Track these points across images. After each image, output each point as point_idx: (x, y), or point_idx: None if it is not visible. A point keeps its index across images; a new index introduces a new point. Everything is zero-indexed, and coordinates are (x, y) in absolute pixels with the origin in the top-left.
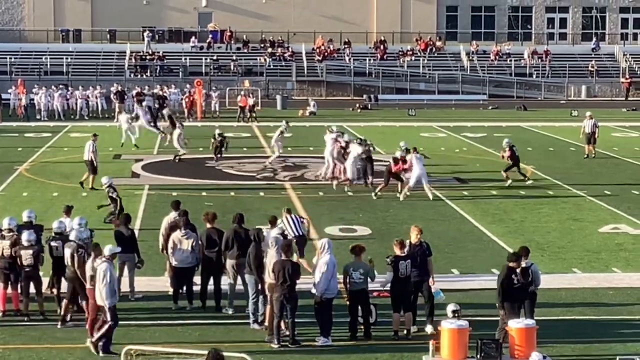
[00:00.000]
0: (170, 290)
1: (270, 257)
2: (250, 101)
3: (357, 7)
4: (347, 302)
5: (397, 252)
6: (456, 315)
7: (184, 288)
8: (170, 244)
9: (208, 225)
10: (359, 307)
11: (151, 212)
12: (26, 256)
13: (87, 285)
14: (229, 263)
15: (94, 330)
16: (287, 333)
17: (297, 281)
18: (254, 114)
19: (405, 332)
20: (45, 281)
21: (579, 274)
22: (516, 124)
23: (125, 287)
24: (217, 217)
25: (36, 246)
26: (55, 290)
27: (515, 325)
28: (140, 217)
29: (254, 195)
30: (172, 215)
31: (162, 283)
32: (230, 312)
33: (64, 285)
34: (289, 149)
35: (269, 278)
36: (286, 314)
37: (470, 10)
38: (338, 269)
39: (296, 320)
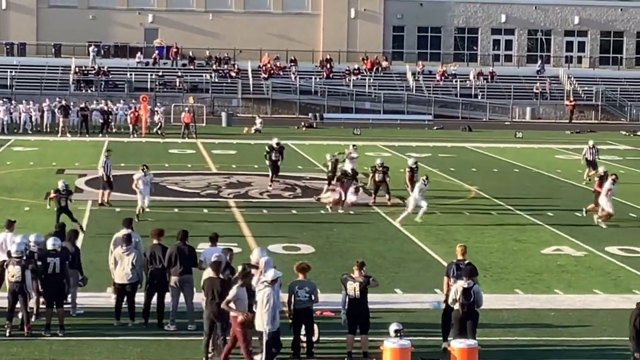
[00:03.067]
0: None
1: (208, 274)
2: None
3: (304, 26)
4: (290, 321)
5: (355, 273)
6: (399, 334)
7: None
8: (111, 260)
9: (154, 241)
10: (302, 326)
11: (94, 228)
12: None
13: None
14: (173, 280)
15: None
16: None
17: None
18: (190, 130)
19: (362, 354)
20: None
21: (521, 295)
22: (461, 144)
23: (68, 303)
24: (164, 234)
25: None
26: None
27: (458, 345)
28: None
29: (198, 212)
30: (122, 232)
31: (104, 299)
32: (172, 328)
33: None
34: (233, 166)
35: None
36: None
37: (417, 30)
38: (282, 287)
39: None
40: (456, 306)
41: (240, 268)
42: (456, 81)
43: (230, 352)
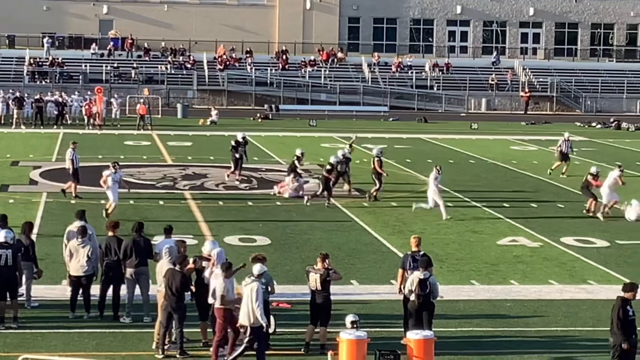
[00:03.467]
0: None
1: (161, 266)
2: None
3: (260, 17)
4: None
5: (319, 265)
6: (355, 326)
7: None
8: (67, 253)
9: (109, 233)
10: None
11: (49, 220)
12: None
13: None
14: (128, 272)
15: None
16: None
17: (185, 292)
18: (146, 122)
19: (319, 346)
20: None
21: (477, 285)
22: (416, 135)
23: (22, 295)
24: (119, 226)
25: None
26: None
27: (414, 336)
28: (38, 224)
29: (154, 204)
30: (76, 224)
31: (59, 291)
32: (127, 320)
33: None
34: (189, 157)
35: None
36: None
37: (372, 22)
38: (238, 279)
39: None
40: (412, 297)
41: (191, 260)
42: (412, 72)
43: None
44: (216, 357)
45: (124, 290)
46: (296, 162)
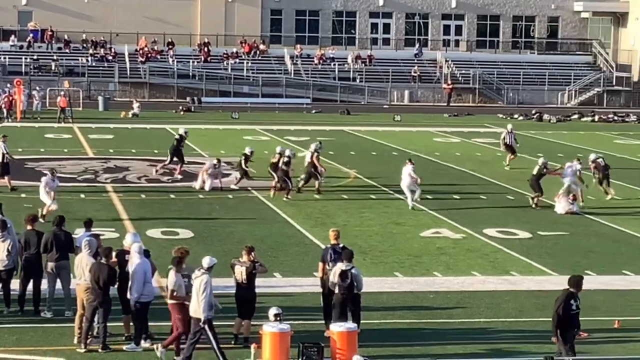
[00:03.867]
0: None
1: (80, 259)
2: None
3: (181, 9)
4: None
5: (244, 257)
6: (278, 318)
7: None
8: None
9: (28, 227)
10: None
11: None
12: None
13: None
14: (49, 266)
15: None
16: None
17: (112, 286)
18: (67, 115)
19: (243, 339)
20: None
21: (400, 277)
22: (339, 127)
23: None
24: (38, 219)
25: None
26: None
27: (337, 329)
28: None
29: (75, 197)
30: None
31: None
32: (48, 315)
33: None
34: (111, 150)
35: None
36: (98, 318)
37: (295, 14)
38: (161, 272)
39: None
40: (336, 289)
41: (114, 254)
42: (334, 65)
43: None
44: (179, 350)
45: (44, 284)
46: (243, 161)
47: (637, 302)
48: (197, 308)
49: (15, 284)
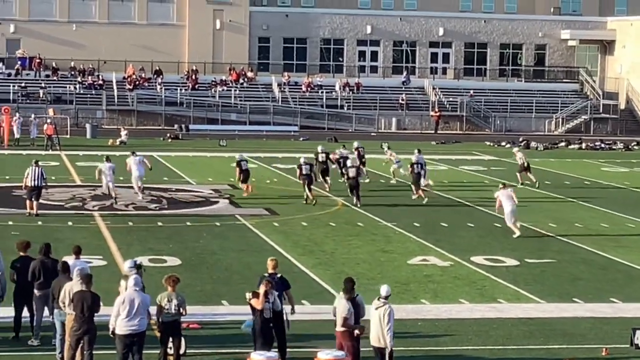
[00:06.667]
0: None
1: (71, 288)
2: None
3: (169, 37)
4: (158, 334)
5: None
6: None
7: None
8: None
9: (21, 254)
10: (170, 338)
11: None
12: None
13: None
14: (37, 294)
15: None
16: None
17: (96, 313)
18: (54, 142)
19: None
20: None
21: None
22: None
23: None
24: (30, 246)
25: None
26: None
27: (325, 356)
28: None
29: (62, 224)
30: None
31: None
32: (35, 343)
33: None
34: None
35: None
36: (83, 346)
37: (282, 41)
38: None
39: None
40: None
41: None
42: (322, 92)
43: None
44: None
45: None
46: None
47: (625, 329)
48: (380, 337)
49: (3, 312)
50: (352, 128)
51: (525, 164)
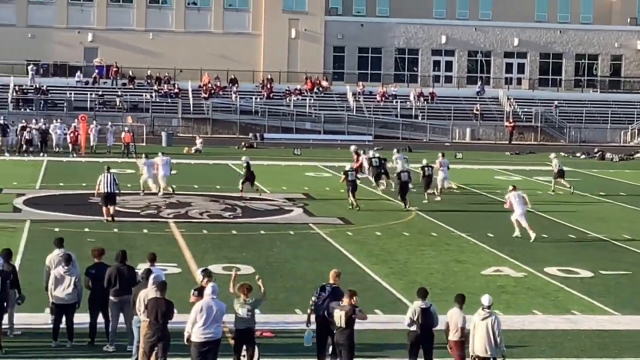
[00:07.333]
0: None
1: (146, 295)
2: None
3: (245, 46)
4: (232, 341)
5: (345, 301)
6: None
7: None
8: (51, 280)
9: (96, 261)
10: (244, 346)
11: (32, 248)
12: None
13: None
14: (112, 300)
15: None
16: None
17: (170, 320)
18: (130, 150)
19: None
20: None
21: None
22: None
23: (5, 323)
24: (105, 253)
25: None
26: None
27: None
28: (21, 252)
29: (138, 232)
30: (56, 252)
31: (42, 319)
32: (111, 349)
33: None
34: (173, 186)
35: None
36: (157, 353)
37: (357, 51)
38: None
39: None
40: (413, 327)
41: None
42: (396, 102)
43: None
44: None
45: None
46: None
47: None
48: (487, 347)
49: (78, 318)
50: (426, 138)
51: (561, 171)
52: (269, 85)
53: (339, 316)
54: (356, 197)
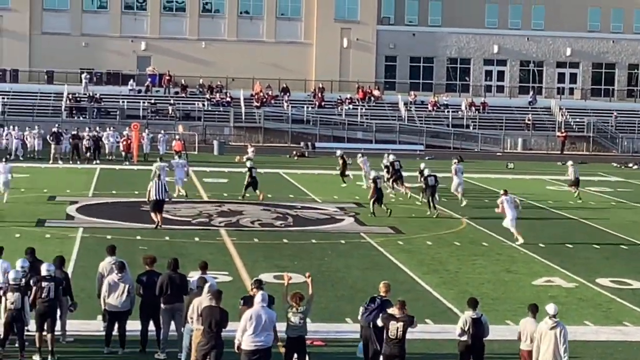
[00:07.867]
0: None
1: (200, 303)
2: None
3: (296, 55)
4: (283, 349)
5: (397, 312)
6: None
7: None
8: (104, 287)
9: (147, 268)
10: (295, 355)
11: (85, 255)
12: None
13: None
14: (163, 308)
15: None
16: None
17: (224, 329)
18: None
19: None
20: None
21: (512, 326)
22: (452, 175)
23: (58, 329)
24: (156, 261)
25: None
26: None
27: None
28: (74, 259)
29: (189, 240)
30: (108, 260)
31: (94, 326)
32: (162, 357)
33: None
34: (225, 194)
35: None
36: None
37: (409, 60)
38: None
39: None
40: (464, 337)
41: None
42: (448, 111)
43: None
44: None
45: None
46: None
47: None
48: (555, 356)
49: (130, 325)
50: (478, 148)
51: (577, 179)
52: (320, 94)
53: (395, 328)
54: (384, 202)
